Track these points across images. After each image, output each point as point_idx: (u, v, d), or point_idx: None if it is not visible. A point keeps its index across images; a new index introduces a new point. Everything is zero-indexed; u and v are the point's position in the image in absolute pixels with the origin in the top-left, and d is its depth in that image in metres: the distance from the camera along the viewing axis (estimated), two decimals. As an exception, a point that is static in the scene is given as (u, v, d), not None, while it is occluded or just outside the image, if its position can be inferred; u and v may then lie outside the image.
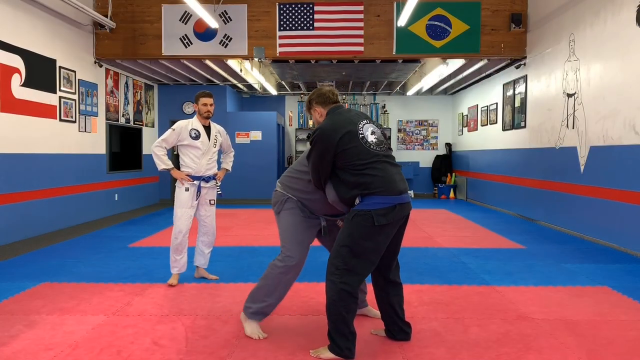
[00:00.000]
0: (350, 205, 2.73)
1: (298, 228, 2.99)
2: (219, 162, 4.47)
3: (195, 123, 4.30)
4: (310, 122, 13.23)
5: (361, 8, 8.19)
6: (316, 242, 3.44)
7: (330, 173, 2.77)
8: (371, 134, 2.77)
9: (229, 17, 8.22)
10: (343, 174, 2.71)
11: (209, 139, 4.32)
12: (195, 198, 4.26)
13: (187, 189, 4.22)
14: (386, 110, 13.27)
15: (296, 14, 8.19)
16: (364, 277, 2.69)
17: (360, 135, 2.72)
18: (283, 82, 11.70)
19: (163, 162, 4.22)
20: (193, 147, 4.23)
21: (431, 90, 12.39)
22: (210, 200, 4.37)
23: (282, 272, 2.95)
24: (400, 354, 2.77)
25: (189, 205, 4.22)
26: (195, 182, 4.24)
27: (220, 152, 4.57)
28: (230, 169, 4.61)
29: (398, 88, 12.21)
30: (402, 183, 2.73)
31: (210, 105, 4.30)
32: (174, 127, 4.24)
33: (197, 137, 4.24)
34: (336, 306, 2.62)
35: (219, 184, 4.45)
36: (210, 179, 4.35)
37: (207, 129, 4.34)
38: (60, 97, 7.28)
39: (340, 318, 2.62)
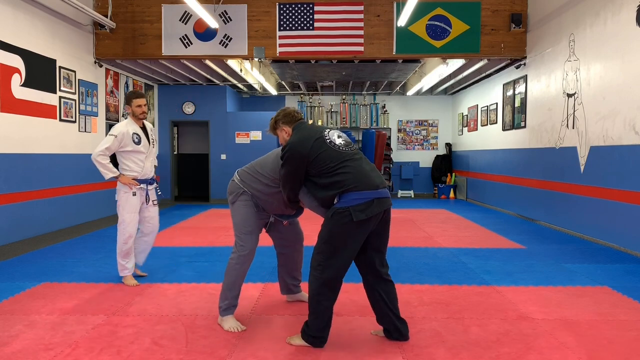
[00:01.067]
0: (329, 206, 2.80)
1: (250, 219, 3.22)
2: None
3: (133, 126, 4.18)
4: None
5: (361, 8, 8.19)
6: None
7: (301, 185, 2.92)
8: (338, 138, 2.90)
9: (229, 17, 8.22)
10: (318, 180, 2.82)
11: (149, 141, 4.27)
12: (146, 202, 4.23)
13: (134, 194, 4.15)
14: (386, 110, 13.27)
15: (296, 14, 8.19)
16: (344, 272, 2.79)
17: (328, 140, 2.85)
18: (283, 82, 11.70)
19: (110, 171, 4.10)
20: (137, 151, 4.15)
21: (431, 90, 12.39)
22: (153, 201, 4.34)
23: (237, 262, 3.18)
24: (400, 354, 2.77)
25: (137, 209, 4.19)
26: (142, 185, 4.21)
27: None
28: (156, 164, 4.54)
29: (398, 88, 12.22)
30: (378, 178, 2.82)
31: (144, 105, 4.22)
32: (114, 133, 4.08)
33: (139, 141, 4.17)
34: (317, 300, 2.76)
35: (157, 184, 4.45)
36: (153, 180, 4.34)
37: (144, 130, 4.27)
38: (60, 97, 7.28)
39: (320, 310, 2.77)
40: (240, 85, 11.72)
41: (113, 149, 4.09)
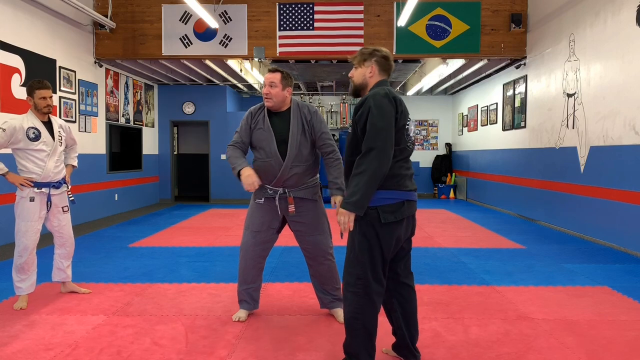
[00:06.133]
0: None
1: (249, 215, 3.35)
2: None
3: (32, 120, 3.59)
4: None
5: (361, 8, 8.19)
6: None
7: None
8: (411, 131, 2.57)
9: (229, 17, 8.22)
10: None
11: (54, 138, 3.67)
12: (46, 209, 3.65)
13: (32, 199, 3.56)
14: (386, 110, 13.26)
15: (296, 14, 8.19)
16: (384, 283, 2.44)
17: (407, 126, 2.47)
18: (283, 82, 11.69)
19: None
20: (34, 149, 3.55)
21: (431, 90, 12.39)
22: (63, 208, 3.80)
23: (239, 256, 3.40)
24: (400, 354, 2.77)
25: (36, 217, 3.58)
26: (43, 189, 3.61)
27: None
28: (76, 164, 4.04)
29: (398, 88, 12.21)
30: (412, 183, 2.50)
31: (50, 98, 3.64)
32: (3, 127, 3.48)
33: (36, 137, 3.55)
34: (360, 320, 2.36)
35: (69, 187, 3.89)
36: (61, 183, 3.74)
37: (48, 125, 3.68)
38: (60, 97, 7.28)
39: (365, 333, 2.37)
40: (240, 85, 11.72)
41: (1, 144, 3.48)
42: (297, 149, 3.11)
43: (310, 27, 8.20)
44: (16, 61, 6.24)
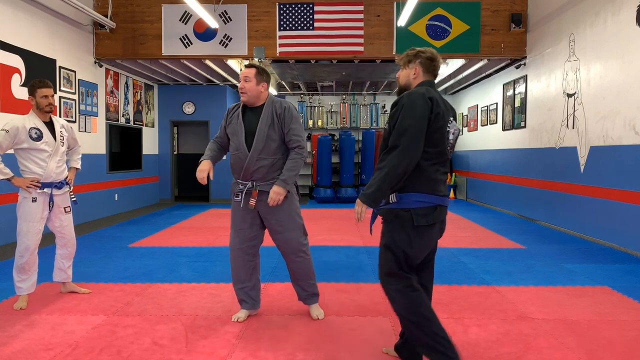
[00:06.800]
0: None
1: (231, 213, 3.41)
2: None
3: (33, 120, 3.59)
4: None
5: (361, 8, 8.19)
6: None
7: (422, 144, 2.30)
8: (452, 134, 2.48)
9: (229, 17, 8.23)
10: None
11: (55, 138, 3.67)
12: (48, 209, 3.68)
13: (34, 199, 3.59)
14: (386, 110, 13.27)
15: (296, 14, 8.19)
16: (414, 278, 2.45)
17: (447, 130, 2.42)
18: (283, 82, 11.70)
19: (0, 172, 3.47)
20: (37, 149, 3.57)
21: (431, 90, 12.38)
22: (65, 208, 3.83)
23: None
24: (400, 354, 2.77)
25: (37, 218, 3.61)
26: (45, 190, 3.62)
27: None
28: (80, 167, 4.08)
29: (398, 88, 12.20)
30: (445, 188, 2.50)
31: (52, 96, 3.62)
32: (6, 128, 3.47)
33: (39, 137, 3.57)
34: (416, 314, 2.36)
35: (72, 188, 3.91)
36: (63, 184, 3.78)
37: (50, 125, 3.68)
38: (60, 97, 7.28)
39: (428, 323, 2.35)
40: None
41: (5, 146, 3.47)
42: (263, 142, 3.14)
43: (310, 27, 8.20)
44: (16, 61, 6.24)
